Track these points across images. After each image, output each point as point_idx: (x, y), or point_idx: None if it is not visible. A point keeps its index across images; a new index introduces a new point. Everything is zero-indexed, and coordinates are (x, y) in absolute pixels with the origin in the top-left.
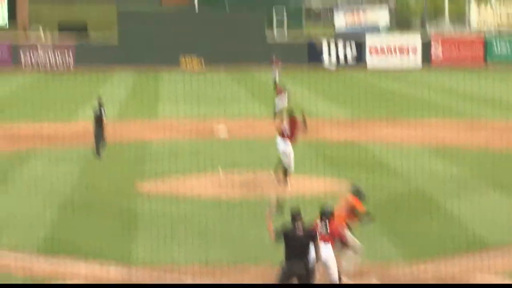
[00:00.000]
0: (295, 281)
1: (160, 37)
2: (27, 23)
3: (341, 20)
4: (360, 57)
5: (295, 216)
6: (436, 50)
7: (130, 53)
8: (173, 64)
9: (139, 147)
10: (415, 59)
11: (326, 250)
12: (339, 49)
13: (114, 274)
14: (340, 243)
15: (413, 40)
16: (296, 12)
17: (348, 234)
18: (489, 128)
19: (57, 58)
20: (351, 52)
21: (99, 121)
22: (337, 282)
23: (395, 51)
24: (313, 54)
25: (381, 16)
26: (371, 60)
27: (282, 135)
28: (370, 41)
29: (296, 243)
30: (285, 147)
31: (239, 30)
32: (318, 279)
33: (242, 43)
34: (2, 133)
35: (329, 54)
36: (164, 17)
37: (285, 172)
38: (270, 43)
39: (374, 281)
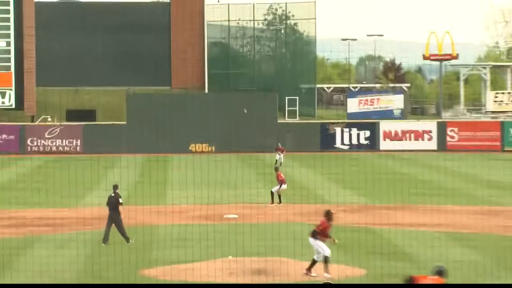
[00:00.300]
0: None
1: (169, 121)
2: (35, 110)
3: (355, 104)
4: (373, 142)
5: None
6: (452, 135)
7: (138, 135)
8: (182, 151)
9: (146, 233)
10: (430, 144)
11: None
12: (352, 134)
13: None
14: None
15: (428, 125)
16: (308, 96)
17: None
18: (507, 214)
19: (64, 141)
20: (364, 137)
21: (115, 208)
22: None
23: (409, 136)
24: (326, 139)
25: (395, 101)
26: (385, 144)
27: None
28: (384, 126)
29: None
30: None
31: (251, 114)
32: None
33: (254, 128)
34: (8, 217)
35: (342, 138)
36: (173, 100)
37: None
38: (281, 128)
39: None
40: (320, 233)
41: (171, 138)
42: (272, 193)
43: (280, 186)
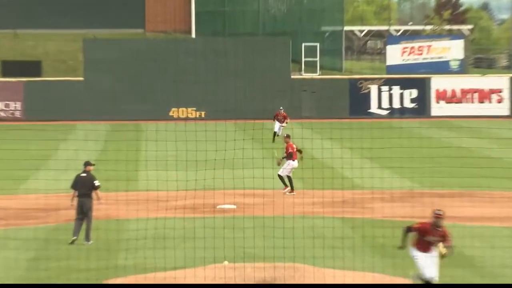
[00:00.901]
0: None
1: (142, 77)
2: None
3: (396, 54)
4: (423, 105)
5: None
6: None
7: (100, 96)
8: (161, 117)
9: (111, 229)
10: (501, 108)
11: None
12: (393, 94)
13: None
14: None
15: (498, 81)
16: (333, 42)
17: None
18: None
19: None
20: (410, 98)
21: (87, 193)
22: None
23: (471, 97)
24: (357, 101)
25: (453, 48)
26: (438, 109)
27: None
28: (437, 83)
29: None
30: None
31: (255, 67)
32: None
33: (258, 86)
34: None
35: (380, 101)
36: (148, 47)
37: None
38: (296, 86)
39: None
40: (418, 237)
41: (145, 99)
42: (280, 177)
43: (288, 164)
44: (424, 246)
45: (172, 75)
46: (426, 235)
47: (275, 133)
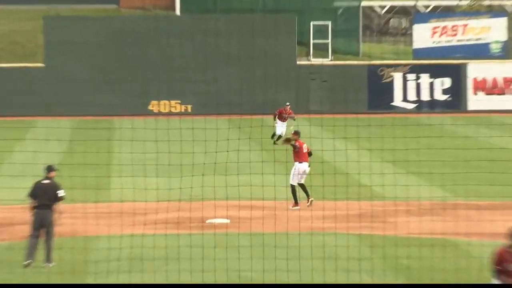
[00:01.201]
0: None
1: (116, 63)
2: None
3: (425, 35)
4: (457, 98)
5: None
6: None
7: (64, 86)
8: (138, 111)
9: (77, 249)
10: None
11: None
12: (421, 84)
13: None
14: None
15: None
16: (348, 21)
17: None
18: None
19: None
20: (441, 89)
21: (48, 204)
22: None
23: None
24: (377, 93)
25: (494, 28)
26: (475, 102)
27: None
28: (475, 70)
29: None
30: None
31: (253, 52)
32: None
33: (257, 74)
34: None
35: (405, 92)
36: (124, 27)
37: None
38: (303, 73)
39: None
40: (500, 269)
41: (119, 90)
42: (293, 188)
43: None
44: (507, 276)
45: (152, 60)
46: (505, 263)
47: (276, 135)
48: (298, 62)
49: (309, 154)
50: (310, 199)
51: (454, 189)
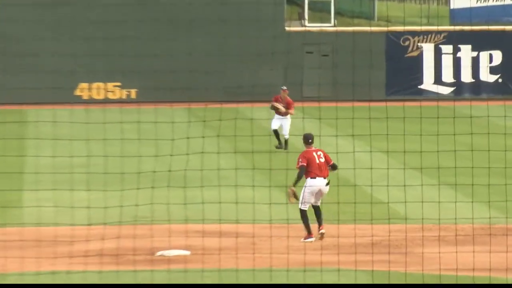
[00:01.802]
0: None
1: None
2: None
3: None
4: (511, 78)
5: None
6: None
7: None
8: (61, 98)
9: None
10: None
11: None
12: (461, 59)
13: None
14: None
15: None
16: None
17: None
18: None
19: None
20: (489, 67)
21: None
22: None
23: None
24: (399, 72)
25: None
26: None
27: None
28: None
29: None
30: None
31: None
32: None
33: (232, 47)
34: None
35: (438, 71)
36: None
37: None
38: (295, 44)
39: None
40: None
41: (35, 70)
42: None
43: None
44: None
45: (81, 28)
46: None
47: (275, 132)
48: (287, 28)
49: (332, 167)
50: (321, 231)
51: (505, 207)
